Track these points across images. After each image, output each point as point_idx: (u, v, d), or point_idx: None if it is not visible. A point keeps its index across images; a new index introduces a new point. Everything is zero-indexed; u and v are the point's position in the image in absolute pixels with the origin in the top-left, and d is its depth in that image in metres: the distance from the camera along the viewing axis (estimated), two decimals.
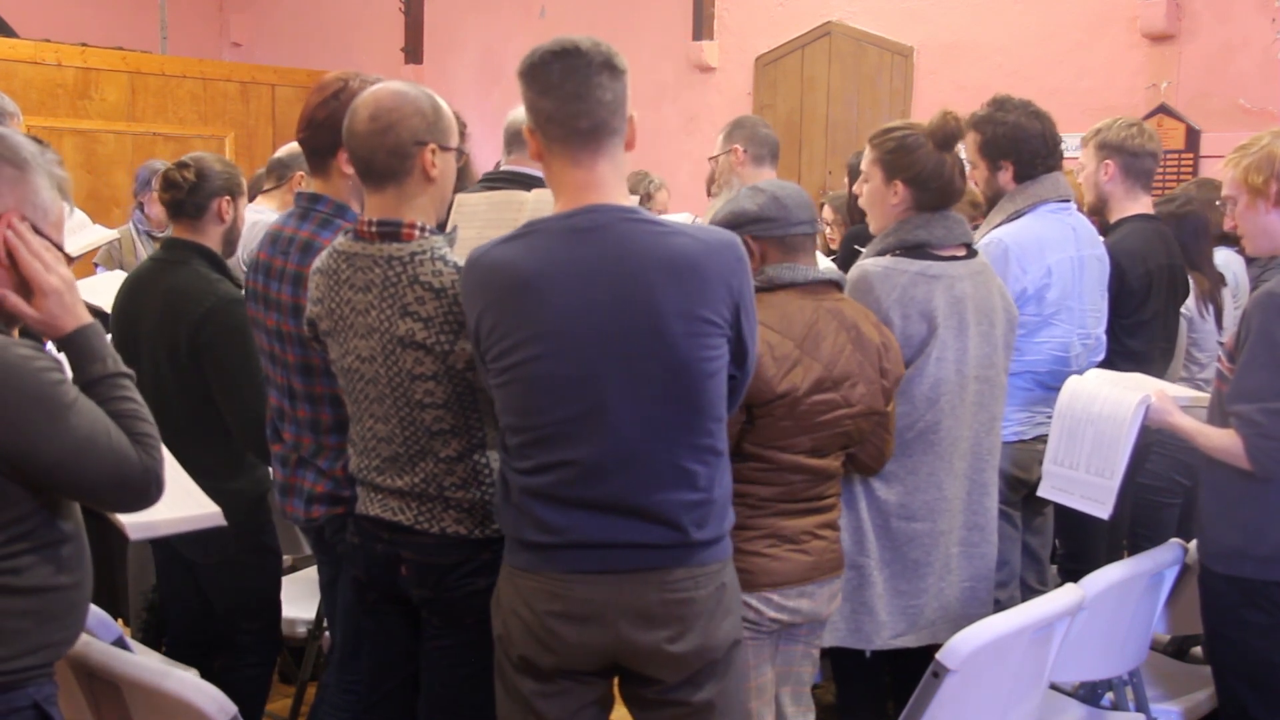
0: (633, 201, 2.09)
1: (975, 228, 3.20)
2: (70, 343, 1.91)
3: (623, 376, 1.97)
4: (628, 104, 2.08)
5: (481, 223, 2.74)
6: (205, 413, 2.97)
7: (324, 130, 2.54)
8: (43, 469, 1.79)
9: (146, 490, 1.89)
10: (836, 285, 2.58)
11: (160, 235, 5.35)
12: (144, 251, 5.18)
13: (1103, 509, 2.78)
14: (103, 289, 4.47)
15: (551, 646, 2.04)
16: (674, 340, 1.97)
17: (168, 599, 3.37)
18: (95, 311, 3.84)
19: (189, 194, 3.06)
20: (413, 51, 9.24)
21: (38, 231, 1.89)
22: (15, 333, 1.92)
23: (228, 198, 3.09)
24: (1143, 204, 3.57)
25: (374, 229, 2.22)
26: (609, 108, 2.03)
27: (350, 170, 2.53)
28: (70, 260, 1.98)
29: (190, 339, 2.94)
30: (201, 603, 3.23)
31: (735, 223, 2.46)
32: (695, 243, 2.01)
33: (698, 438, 2.03)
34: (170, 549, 3.17)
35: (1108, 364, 3.34)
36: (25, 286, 1.87)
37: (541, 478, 2.02)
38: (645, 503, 2.00)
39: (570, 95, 2.01)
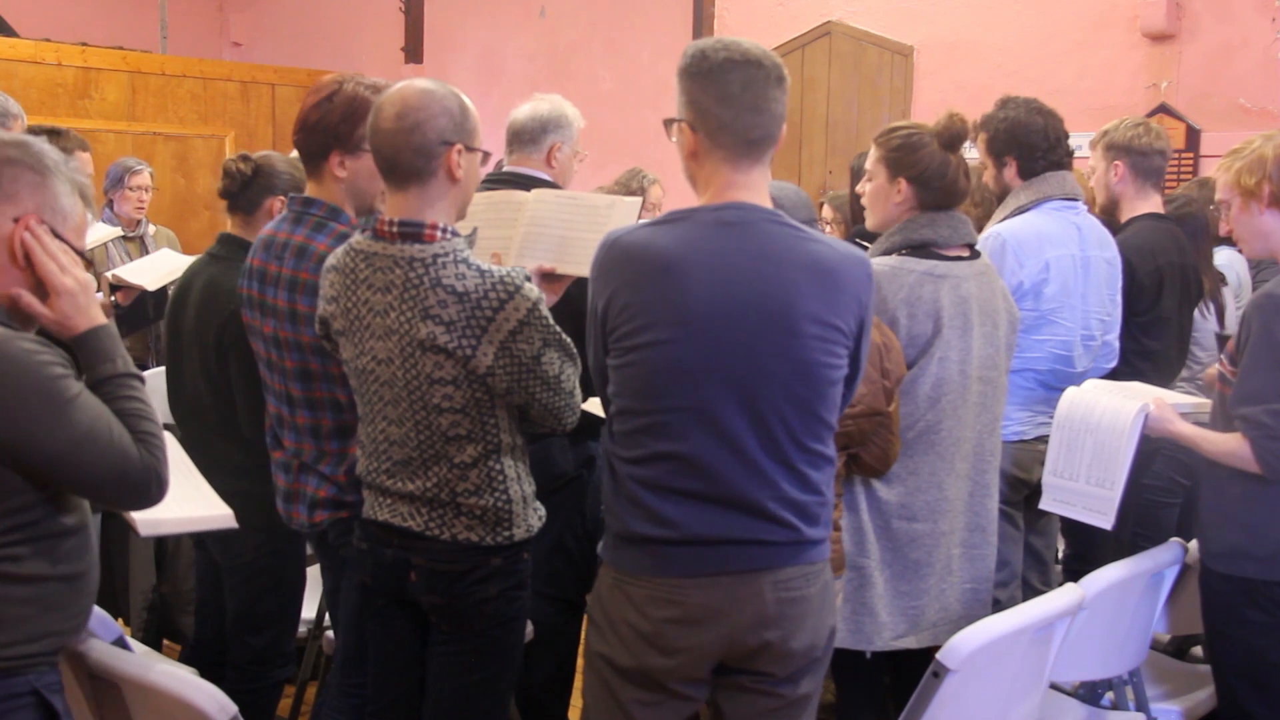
0: (770, 205, 2.10)
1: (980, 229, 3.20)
2: (83, 342, 1.95)
3: (747, 372, 1.98)
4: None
5: (480, 222, 2.73)
6: (233, 411, 2.92)
7: (316, 133, 2.52)
8: (43, 461, 1.82)
9: (147, 488, 1.91)
10: None
11: (130, 234, 5.29)
12: (114, 251, 5.13)
13: (1104, 520, 2.78)
14: (146, 269, 4.48)
15: (669, 652, 2.04)
16: (805, 341, 1.99)
17: (201, 603, 3.29)
18: (125, 293, 3.78)
19: (242, 188, 3.02)
20: (413, 51, 9.24)
21: (57, 235, 1.94)
22: (32, 332, 1.96)
23: (282, 199, 3.01)
24: (1153, 203, 3.58)
25: (395, 229, 2.20)
26: (778, 120, 2.07)
27: (342, 174, 2.53)
28: (89, 264, 2.04)
29: (218, 337, 2.90)
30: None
31: None
32: (833, 252, 2.05)
33: (810, 441, 2.05)
34: (206, 553, 3.14)
35: (1125, 363, 3.34)
36: (41, 287, 1.93)
37: (652, 468, 2.02)
38: (758, 499, 2.01)
39: (749, 107, 2.03)
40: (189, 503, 2.30)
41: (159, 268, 4.51)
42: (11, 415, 1.78)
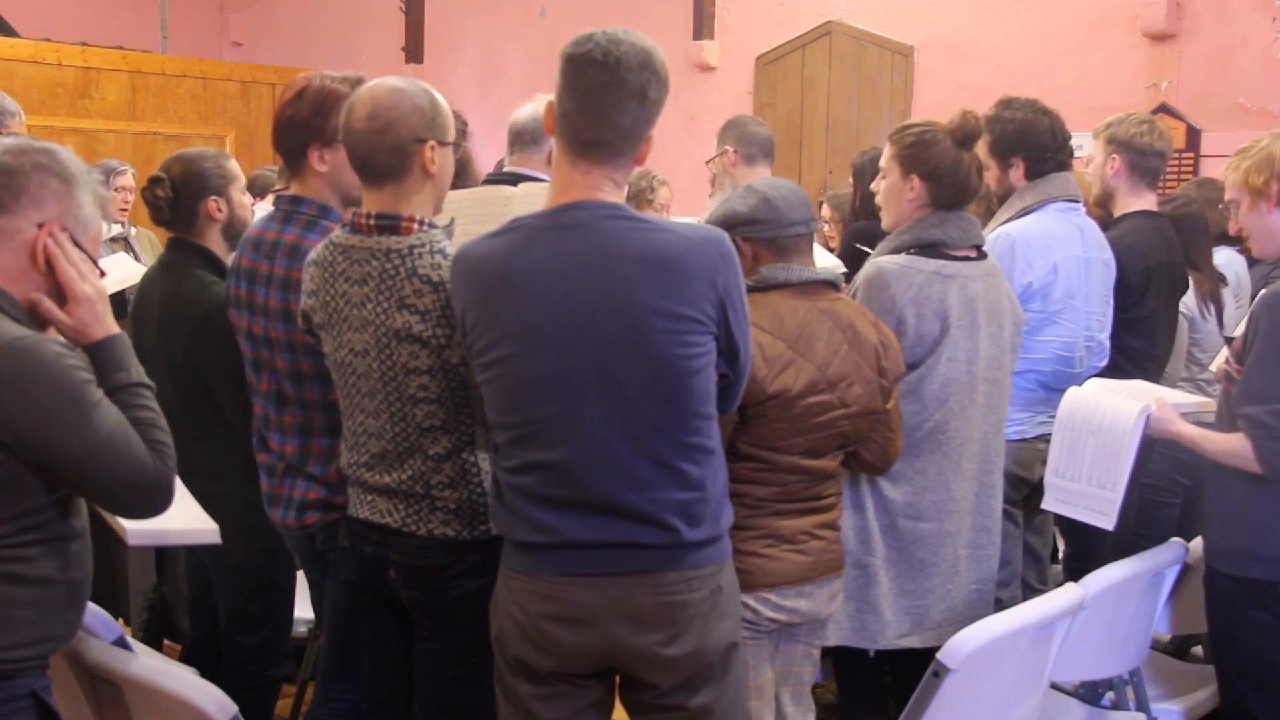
0: (621, 200, 2.08)
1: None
2: (97, 351, 1.98)
3: (602, 375, 1.96)
4: (650, 127, 2.05)
5: (467, 219, 2.74)
6: (207, 417, 2.91)
7: (291, 130, 2.53)
8: (66, 463, 1.85)
9: (158, 495, 1.94)
10: (832, 285, 2.57)
11: (114, 236, 5.27)
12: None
13: (1106, 520, 2.77)
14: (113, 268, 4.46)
15: (546, 649, 2.04)
16: (653, 337, 1.96)
17: (193, 604, 3.28)
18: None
19: (171, 209, 2.94)
20: (413, 51, 9.24)
21: (76, 244, 1.98)
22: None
23: (214, 196, 2.94)
24: (1146, 201, 3.58)
25: (372, 222, 2.21)
26: (622, 132, 2.01)
27: (323, 168, 2.53)
28: (103, 274, 2.06)
29: (188, 346, 2.87)
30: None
31: (726, 224, 2.45)
32: (678, 239, 1.99)
33: (684, 435, 2.02)
34: (195, 555, 3.13)
35: (1110, 362, 3.34)
36: (60, 293, 1.96)
37: (526, 477, 2.02)
38: (631, 502, 1.99)
39: (590, 108, 2.00)
40: (177, 516, 2.32)
41: (114, 272, 4.49)
42: (41, 416, 1.82)
